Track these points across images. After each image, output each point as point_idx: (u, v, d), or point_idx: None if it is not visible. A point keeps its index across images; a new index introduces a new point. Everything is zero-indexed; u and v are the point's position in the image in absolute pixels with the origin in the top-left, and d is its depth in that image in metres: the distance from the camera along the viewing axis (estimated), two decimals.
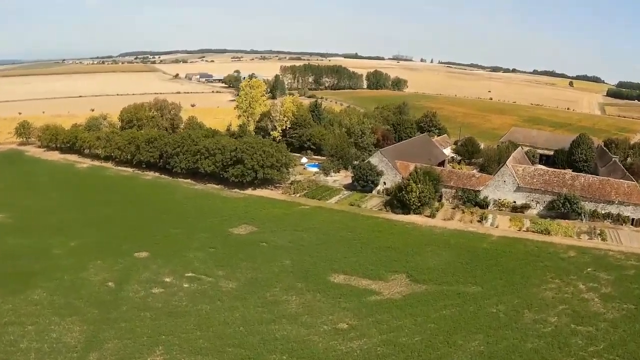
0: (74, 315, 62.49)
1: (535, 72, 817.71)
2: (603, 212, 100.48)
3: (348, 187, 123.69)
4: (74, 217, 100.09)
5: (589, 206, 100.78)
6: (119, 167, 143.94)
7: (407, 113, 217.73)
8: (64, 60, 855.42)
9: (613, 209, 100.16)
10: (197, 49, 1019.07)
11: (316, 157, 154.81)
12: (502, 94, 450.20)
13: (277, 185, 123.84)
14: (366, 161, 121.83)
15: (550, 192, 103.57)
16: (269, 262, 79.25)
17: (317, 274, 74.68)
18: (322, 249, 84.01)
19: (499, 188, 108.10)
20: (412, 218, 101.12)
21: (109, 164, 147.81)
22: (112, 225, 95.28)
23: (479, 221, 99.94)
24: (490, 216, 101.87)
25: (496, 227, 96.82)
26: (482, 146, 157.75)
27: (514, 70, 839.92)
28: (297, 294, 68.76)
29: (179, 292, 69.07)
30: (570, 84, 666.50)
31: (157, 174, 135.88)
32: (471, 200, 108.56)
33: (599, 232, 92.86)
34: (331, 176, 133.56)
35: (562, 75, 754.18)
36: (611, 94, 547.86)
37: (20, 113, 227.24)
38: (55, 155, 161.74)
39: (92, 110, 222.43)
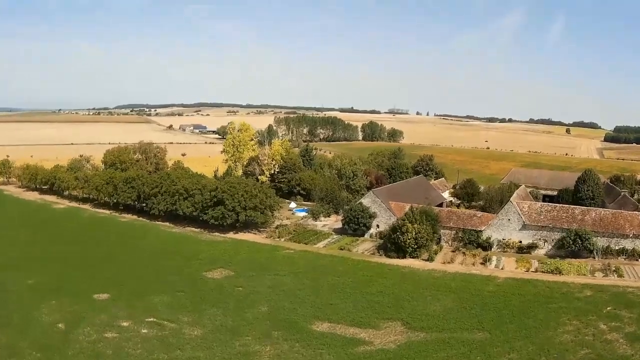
0: (13, 357, 55.72)
1: (531, 121, 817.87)
2: (617, 247, 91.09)
3: (338, 231, 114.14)
4: (37, 255, 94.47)
5: (601, 242, 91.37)
6: (97, 209, 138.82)
7: (403, 158, 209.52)
8: (59, 110, 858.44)
9: (628, 244, 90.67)
10: (193, 102, 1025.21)
11: (306, 202, 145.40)
12: (499, 143, 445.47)
13: (262, 229, 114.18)
14: (357, 202, 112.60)
15: (559, 228, 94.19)
16: (243, 308, 69.88)
17: (297, 321, 64.93)
18: (305, 295, 74.25)
19: (503, 227, 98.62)
20: (408, 262, 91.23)
21: (87, 206, 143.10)
22: (76, 264, 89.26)
23: (482, 263, 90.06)
24: (494, 258, 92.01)
25: (501, 269, 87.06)
26: (481, 189, 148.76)
27: (510, 120, 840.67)
28: (272, 343, 59.13)
29: (134, 338, 60.61)
30: (568, 130, 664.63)
31: (135, 217, 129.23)
32: (473, 242, 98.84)
33: (614, 268, 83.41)
34: (320, 220, 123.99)
35: (559, 123, 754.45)
36: (609, 138, 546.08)
37: (8, 156, 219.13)
38: (33, 195, 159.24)
39: (81, 156, 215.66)
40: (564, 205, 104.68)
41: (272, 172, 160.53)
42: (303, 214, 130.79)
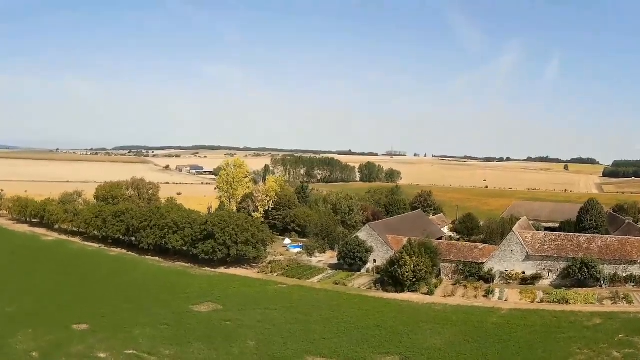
0: None
1: (529, 159, 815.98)
2: (624, 274, 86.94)
3: (334, 266, 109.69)
4: (19, 285, 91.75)
5: (608, 269, 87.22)
6: (86, 243, 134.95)
7: (401, 195, 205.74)
8: (57, 149, 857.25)
9: (636, 270, 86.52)
10: (191, 145, 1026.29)
11: (301, 239, 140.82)
12: (497, 182, 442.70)
13: (254, 265, 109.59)
14: (354, 236, 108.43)
15: (564, 258, 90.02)
16: (230, 342, 65.26)
17: (286, 356, 60.53)
18: (296, 329, 69.57)
19: (506, 258, 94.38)
20: (407, 296, 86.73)
21: (76, 239, 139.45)
22: (58, 295, 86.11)
23: (484, 296, 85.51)
24: (497, 290, 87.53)
25: (505, 300, 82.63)
26: (481, 223, 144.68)
27: (507, 159, 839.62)
28: None
29: None
30: (566, 167, 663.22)
31: (123, 251, 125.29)
32: (474, 275, 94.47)
33: (622, 295, 79.24)
34: (315, 256, 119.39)
35: (557, 160, 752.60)
36: (607, 173, 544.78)
37: (1, 190, 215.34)
38: (23, 228, 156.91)
39: (74, 191, 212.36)
40: (568, 233, 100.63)
41: (267, 208, 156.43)
42: (297, 250, 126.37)
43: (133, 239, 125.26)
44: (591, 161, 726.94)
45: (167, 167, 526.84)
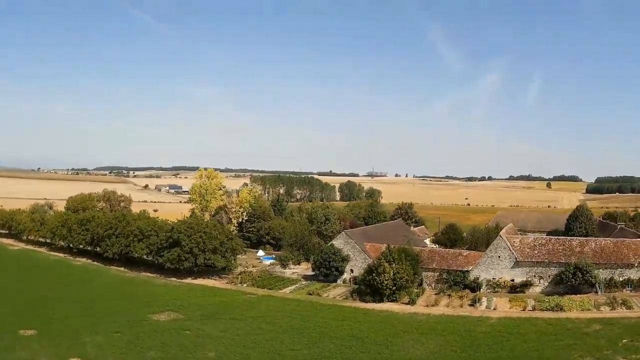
0: None
1: (511, 178, 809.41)
2: (621, 279, 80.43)
3: (309, 278, 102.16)
4: None
5: (603, 274, 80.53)
6: (52, 252, 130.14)
7: (380, 208, 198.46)
8: (39, 168, 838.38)
9: (633, 274, 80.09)
10: (171, 166, 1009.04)
11: (276, 252, 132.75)
12: (479, 199, 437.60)
13: (223, 275, 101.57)
14: (329, 244, 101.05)
15: (556, 263, 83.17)
16: (187, 352, 58.03)
17: None
18: (262, 340, 61.98)
19: (493, 265, 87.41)
20: (386, 306, 79.35)
21: (42, 249, 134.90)
22: (10, 301, 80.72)
23: (470, 305, 78.28)
24: (484, 299, 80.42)
25: (493, 309, 75.47)
26: (465, 234, 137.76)
27: (489, 178, 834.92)
28: None
29: None
30: (549, 185, 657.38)
31: (89, 261, 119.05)
32: (459, 283, 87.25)
33: (621, 301, 72.48)
34: (290, 268, 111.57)
35: (539, 178, 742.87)
36: (591, 190, 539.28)
37: None
38: None
39: (45, 200, 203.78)
40: (559, 237, 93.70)
41: (240, 220, 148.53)
42: (271, 261, 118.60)
43: (98, 248, 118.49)
44: (574, 178, 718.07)
45: (146, 187, 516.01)
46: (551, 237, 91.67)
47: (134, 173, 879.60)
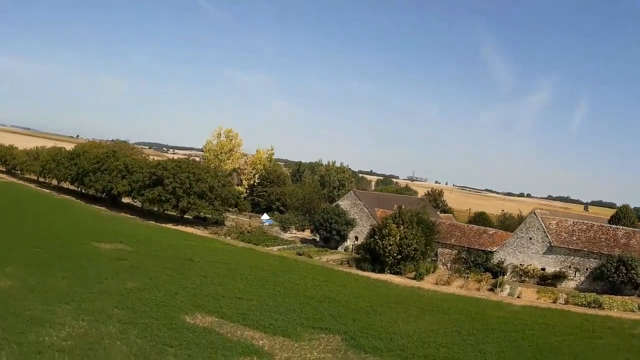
0: None
1: (549, 197, 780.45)
2: None
3: (307, 242, 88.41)
4: None
5: None
6: (39, 188, 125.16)
7: (411, 194, 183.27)
8: (78, 135, 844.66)
9: None
10: None
11: (282, 217, 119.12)
12: (515, 213, 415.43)
13: (211, 227, 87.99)
14: (334, 204, 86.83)
15: (597, 254, 66.95)
16: (101, 278, 45.09)
17: (166, 306, 38.96)
18: (205, 282, 48.17)
19: (522, 249, 71.82)
20: (386, 276, 65.02)
21: (32, 185, 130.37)
22: None
23: (490, 290, 62.99)
24: (507, 285, 65.14)
25: (517, 297, 59.91)
26: (495, 224, 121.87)
27: (528, 195, 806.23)
28: (106, 325, 33.46)
29: None
30: (585, 208, 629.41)
31: (73, 198, 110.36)
32: (480, 265, 72.17)
33: None
34: (291, 232, 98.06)
35: (577, 201, 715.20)
36: None
37: None
38: None
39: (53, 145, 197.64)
40: (603, 224, 76.62)
41: (252, 182, 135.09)
42: (271, 223, 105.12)
43: (83, 187, 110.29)
44: (611, 205, 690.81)
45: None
46: (593, 223, 74.45)
47: (173, 150, 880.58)
